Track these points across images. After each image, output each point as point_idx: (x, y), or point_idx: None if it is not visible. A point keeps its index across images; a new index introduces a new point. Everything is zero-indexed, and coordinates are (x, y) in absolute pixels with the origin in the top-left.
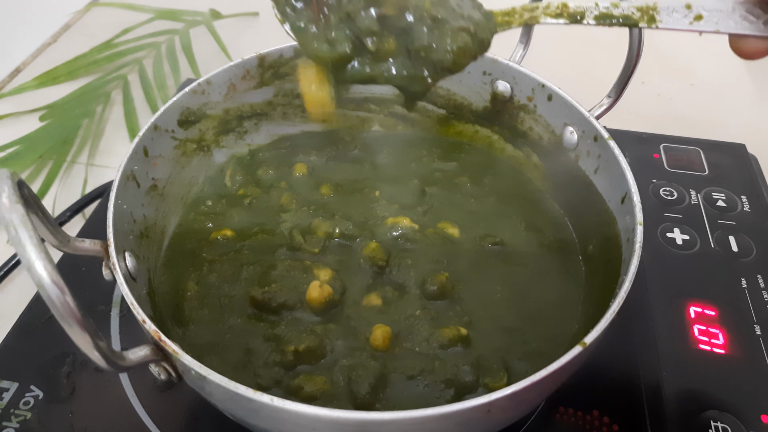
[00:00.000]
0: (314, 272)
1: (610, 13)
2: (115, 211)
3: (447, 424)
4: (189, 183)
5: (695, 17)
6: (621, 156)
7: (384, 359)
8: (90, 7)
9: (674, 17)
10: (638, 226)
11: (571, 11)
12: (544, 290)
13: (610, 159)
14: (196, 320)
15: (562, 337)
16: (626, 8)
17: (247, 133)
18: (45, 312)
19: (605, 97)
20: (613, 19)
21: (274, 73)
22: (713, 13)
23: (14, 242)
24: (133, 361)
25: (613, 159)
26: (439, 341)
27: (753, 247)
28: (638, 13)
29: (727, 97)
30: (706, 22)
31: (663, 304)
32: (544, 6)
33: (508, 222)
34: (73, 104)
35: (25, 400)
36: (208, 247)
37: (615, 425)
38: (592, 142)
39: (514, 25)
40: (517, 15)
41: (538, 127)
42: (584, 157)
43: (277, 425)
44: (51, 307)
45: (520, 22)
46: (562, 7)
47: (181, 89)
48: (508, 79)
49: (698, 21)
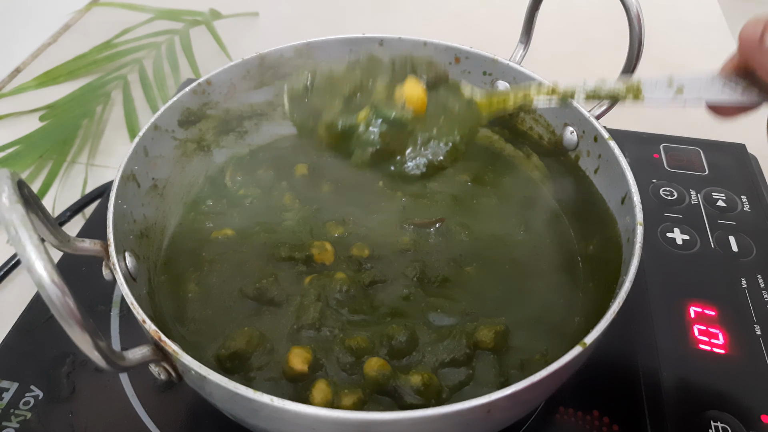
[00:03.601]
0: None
1: (599, 91)
2: (115, 211)
3: (447, 424)
4: (189, 183)
5: (677, 90)
6: (621, 156)
7: None
8: (90, 7)
9: (658, 92)
10: (638, 226)
11: (561, 92)
12: (544, 290)
13: (610, 159)
14: (197, 320)
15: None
16: (612, 87)
17: (248, 133)
18: (45, 312)
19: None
20: (602, 97)
21: (274, 73)
22: (694, 84)
23: (14, 242)
24: (133, 361)
25: (614, 159)
26: None
27: (753, 247)
28: (624, 90)
29: None
30: (688, 93)
31: (663, 304)
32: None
33: (508, 222)
34: (73, 104)
35: (25, 400)
36: (208, 246)
37: (615, 425)
38: (593, 142)
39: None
40: (511, 98)
41: (538, 127)
42: (584, 157)
43: (277, 425)
44: (51, 307)
45: (514, 104)
46: (553, 88)
47: (181, 89)
48: (508, 79)
49: (680, 93)
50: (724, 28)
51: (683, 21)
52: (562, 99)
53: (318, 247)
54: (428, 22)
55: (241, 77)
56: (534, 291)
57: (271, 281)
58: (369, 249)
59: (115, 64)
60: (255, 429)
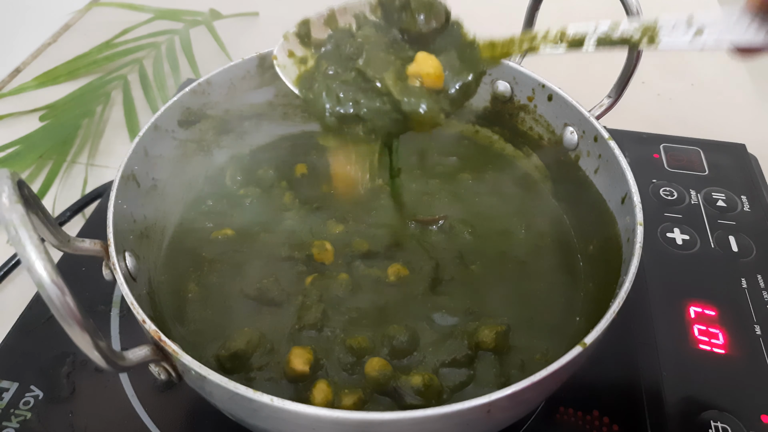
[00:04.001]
0: None
1: (610, 36)
2: (115, 211)
3: (447, 424)
4: (189, 183)
5: (696, 31)
6: (621, 156)
7: None
8: (90, 7)
9: (676, 34)
10: (638, 226)
11: (570, 38)
12: (545, 290)
13: (610, 159)
14: (197, 320)
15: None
16: (627, 29)
17: (248, 133)
18: (45, 312)
19: (605, 97)
20: (613, 42)
21: (274, 73)
22: (716, 25)
23: (14, 242)
24: (133, 361)
25: (614, 159)
26: None
27: (753, 247)
28: (639, 34)
29: (727, 97)
30: (708, 34)
31: (663, 304)
32: (543, 35)
33: (509, 221)
34: (73, 104)
35: (25, 400)
36: (208, 246)
37: (615, 425)
38: (593, 142)
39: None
40: (516, 45)
41: (538, 127)
42: (584, 157)
43: (277, 425)
44: (51, 307)
45: (520, 51)
46: (561, 35)
47: (181, 89)
48: (509, 79)
49: (699, 35)
50: None
51: None
52: (570, 45)
53: (318, 246)
54: None
55: (241, 77)
56: (535, 290)
57: (271, 281)
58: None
59: (115, 64)
60: (255, 429)
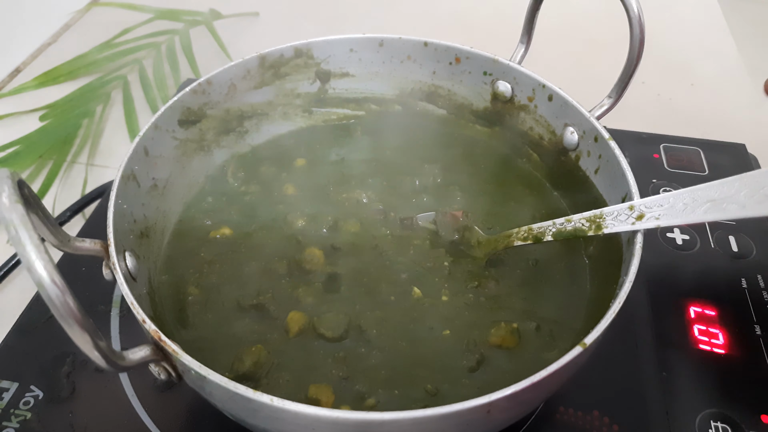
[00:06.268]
0: None
1: (564, 228)
2: (115, 211)
3: (447, 424)
4: (189, 183)
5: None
6: (621, 156)
7: None
8: (90, 7)
9: (618, 220)
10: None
11: (534, 233)
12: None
13: (610, 159)
14: (197, 320)
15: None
16: (577, 222)
17: (248, 133)
18: (45, 312)
19: (606, 98)
20: (567, 234)
21: (274, 73)
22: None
23: (14, 242)
24: (133, 361)
25: (614, 159)
26: None
27: (753, 247)
28: (587, 224)
29: (727, 97)
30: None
31: (663, 304)
32: (516, 232)
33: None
34: (73, 104)
35: (25, 400)
36: (207, 246)
37: (615, 425)
38: (593, 142)
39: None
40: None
41: (538, 127)
42: (585, 157)
43: (277, 425)
44: (51, 307)
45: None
46: (528, 231)
47: (181, 89)
48: (509, 79)
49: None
50: (724, 27)
51: (683, 21)
52: (534, 239)
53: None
54: (428, 22)
55: (241, 77)
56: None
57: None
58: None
59: (115, 64)
60: (255, 429)
